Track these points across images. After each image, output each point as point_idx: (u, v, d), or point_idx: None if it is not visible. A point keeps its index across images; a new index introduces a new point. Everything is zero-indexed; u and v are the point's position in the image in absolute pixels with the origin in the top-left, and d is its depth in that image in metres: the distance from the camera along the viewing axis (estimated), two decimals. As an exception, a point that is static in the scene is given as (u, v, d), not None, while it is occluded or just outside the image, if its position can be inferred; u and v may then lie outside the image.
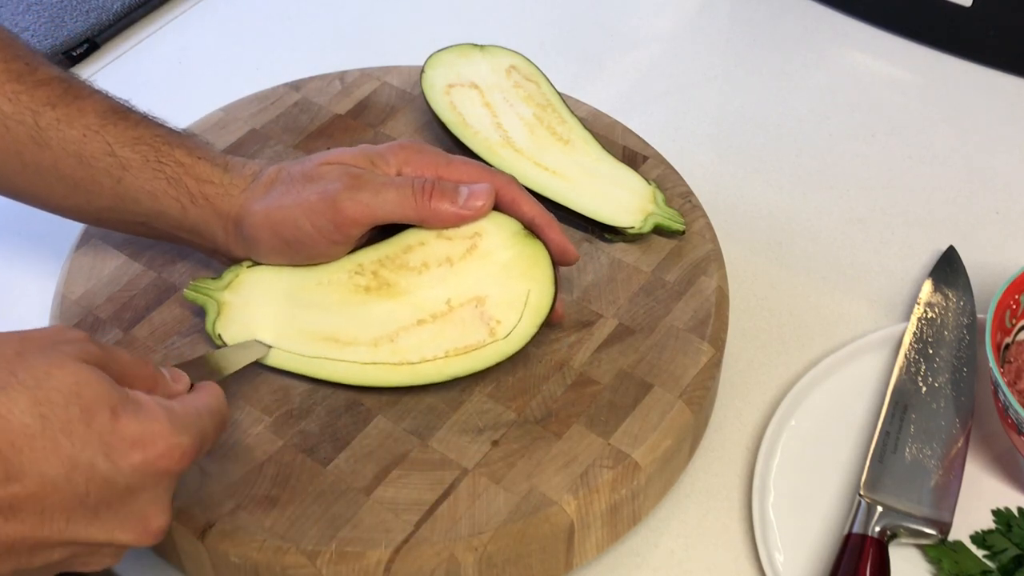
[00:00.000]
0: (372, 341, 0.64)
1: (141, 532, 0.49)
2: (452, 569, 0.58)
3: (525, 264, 0.65)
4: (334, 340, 0.64)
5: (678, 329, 0.67)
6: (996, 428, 0.69)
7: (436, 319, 0.64)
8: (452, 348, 0.64)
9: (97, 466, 0.47)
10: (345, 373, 0.64)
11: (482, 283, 0.65)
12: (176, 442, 0.50)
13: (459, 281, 0.65)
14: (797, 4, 0.99)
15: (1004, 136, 0.89)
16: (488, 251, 0.65)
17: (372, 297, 0.65)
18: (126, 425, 0.49)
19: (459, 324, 0.64)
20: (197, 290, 0.66)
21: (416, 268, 0.65)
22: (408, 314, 0.65)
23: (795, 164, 0.86)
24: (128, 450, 0.48)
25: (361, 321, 0.65)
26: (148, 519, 0.50)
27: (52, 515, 0.46)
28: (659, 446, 0.62)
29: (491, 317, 0.64)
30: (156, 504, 0.50)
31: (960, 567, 0.62)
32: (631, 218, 0.71)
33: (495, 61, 0.79)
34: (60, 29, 0.93)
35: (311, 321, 0.65)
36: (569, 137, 0.75)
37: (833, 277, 0.79)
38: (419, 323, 0.64)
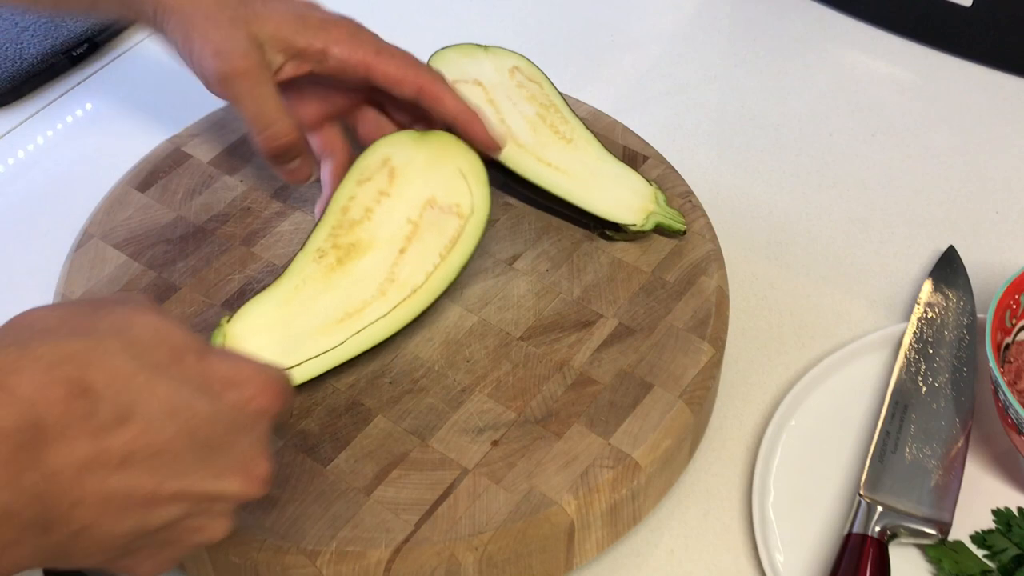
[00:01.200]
0: (378, 291, 0.66)
1: (247, 480, 0.48)
2: (452, 569, 0.58)
3: (439, 151, 0.69)
4: (349, 316, 0.65)
5: (678, 329, 0.67)
6: (996, 428, 0.69)
7: (411, 238, 0.67)
8: (442, 248, 0.67)
9: (197, 405, 0.46)
10: (379, 332, 0.65)
11: (421, 189, 0.68)
12: (267, 380, 0.49)
13: (403, 200, 0.68)
14: (797, 4, 0.99)
15: (1004, 136, 0.89)
16: (405, 164, 0.69)
17: (349, 262, 0.66)
18: (215, 366, 0.48)
19: (431, 228, 0.68)
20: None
21: (362, 218, 0.67)
22: (387, 252, 0.67)
23: (795, 164, 0.87)
24: (222, 389, 0.47)
25: (357, 285, 0.66)
26: (251, 465, 0.48)
27: (163, 462, 0.45)
28: (659, 446, 0.62)
29: (449, 205, 0.68)
30: (256, 449, 0.48)
31: (960, 567, 0.62)
32: (633, 216, 0.72)
33: (498, 61, 0.79)
34: (60, 29, 0.93)
35: (316, 319, 0.65)
36: (572, 136, 0.75)
37: (833, 277, 0.79)
38: (401, 252, 0.67)
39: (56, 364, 0.43)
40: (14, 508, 0.41)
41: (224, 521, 0.49)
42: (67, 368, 0.43)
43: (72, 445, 0.43)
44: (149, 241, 0.71)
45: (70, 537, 0.44)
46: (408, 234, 0.67)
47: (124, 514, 0.45)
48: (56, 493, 0.42)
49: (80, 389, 0.43)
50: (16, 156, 0.87)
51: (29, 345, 0.43)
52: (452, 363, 0.66)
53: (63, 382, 0.43)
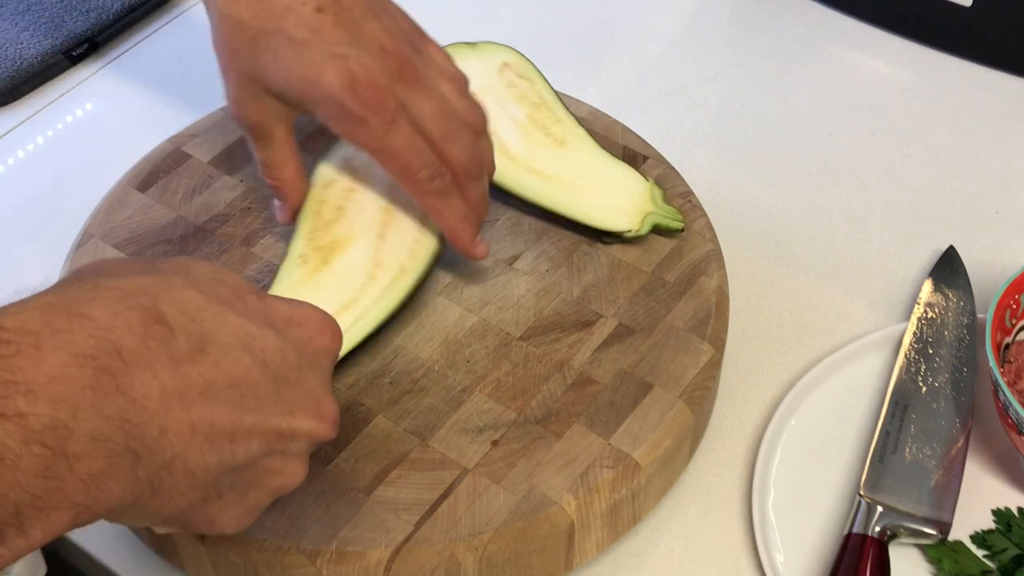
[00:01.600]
0: (368, 278, 0.66)
1: (318, 418, 0.48)
2: (452, 569, 0.58)
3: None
4: (345, 307, 0.65)
5: (678, 329, 0.67)
6: (996, 428, 0.69)
7: (388, 223, 0.68)
8: (419, 223, 0.68)
9: (266, 337, 0.46)
10: (379, 313, 0.65)
11: (387, 176, 0.68)
12: (324, 320, 0.49)
13: (372, 191, 0.69)
14: (797, 4, 0.99)
15: (1004, 136, 0.89)
16: (367, 160, 0.68)
17: (333, 259, 0.67)
18: (275, 305, 0.48)
19: (405, 209, 0.68)
20: None
21: (336, 217, 0.68)
22: (367, 241, 0.67)
23: (795, 164, 0.86)
24: (286, 325, 0.48)
25: (345, 278, 0.66)
26: (320, 404, 0.48)
27: (241, 393, 0.45)
28: (659, 446, 0.62)
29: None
30: (323, 387, 0.49)
31: (960, 567, 0.62)
32: (628, 220, 0.71)
33: (487, 59, 0.78)
34: (60, 29, 0.93)
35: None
36: (564, 137, 0.75)
37: (833, 277, 0.79)
38: (381, 238, 0.67)
39: (129, 294, 0.43)
40: (101, 433, 0.41)
41: (299, 464, 0.49)
42: (140, 298, 0.44)
43: (154, 371, 0.43)
44: (149, 241, 0.71)
45: (162, 468, 0.43)
46: (384, 219, 0.68)
47: (210, 445, 0.45)
48: (143, 420, 0.42)
49: (155, 317, 0.43)
50: (16, 156, 0.87)
51: (100, 282, 0.44)
52: (452, 363, 0.66)
53: (138, 309, 0.43)
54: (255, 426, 0.46)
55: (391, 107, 0.61)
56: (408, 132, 0.62)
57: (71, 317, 0.42)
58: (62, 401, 0.40)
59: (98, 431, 0.41)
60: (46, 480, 0.39)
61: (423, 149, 0.63)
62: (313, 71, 0.61)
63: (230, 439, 0.45)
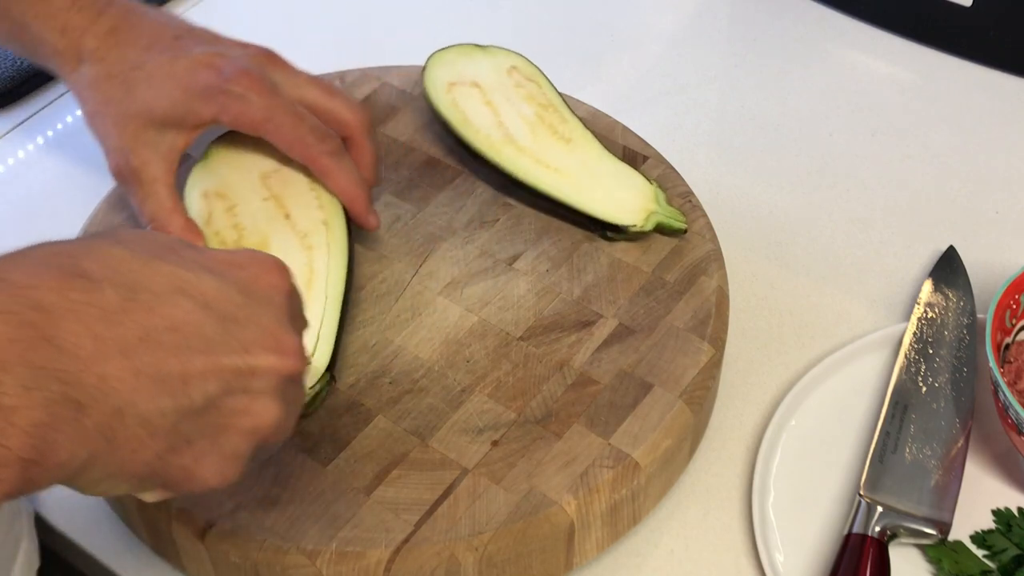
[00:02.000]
0: (304, 248, 0.68)
1: (277, 350, 0.47)
2: (452, 569, 0.58)
3: (229, 156, 0.72)
4: (308, 284, 0.66)
5: (678, 329, 0.67)
6: (996, 428, 0.69)
7: (283, 207, 0.69)
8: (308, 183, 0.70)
9: (204, 280, 0.46)
10: (339, 271, 0.67)
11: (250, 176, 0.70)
12: (269, 260, 0.49)
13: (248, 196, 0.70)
14: (797, 4, 0.99)
15: (1004, 136, 0.89)
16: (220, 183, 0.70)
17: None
18: (212, 253, 0.48)
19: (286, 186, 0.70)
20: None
21: (238, 233, 0.68)
22: (281, 226, 0.69)
23: (795, 164, 0.86)
24: (226, 268, 0.48)
25: (290, 261, 0.66)
26: (278, 337, 0.48)
27: (184, 337, 0.44)
28: (659, 446, 0.62)
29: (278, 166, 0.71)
30: (280, 323, 0.48)
31: (960, 567, 0.62)
32: (633, 217, 0.72)
33: (496, 61, 0.79)
34: (60, 29, 0.93)
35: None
36: (571, 136, 0.75)
37: (833, 277, 0.79)
38: (287, 218, 0.69)
39: (49, 256, 0.43)
40: (35, 382, 0.40)
41: (269, 401, 0.47)
42: (59, 258, 0.43)
43: (82, 321, 0.42)
44: (149, 241, 0.71)
45: (111, 416, 0.43)
46: (276, 207, 0.69)
47: (160, 389, 0.44)
48: (78, 368, 0.42)
49: (74, 273, 0.43)
50: (16, 156, 0.87)
51: (18, 252, 0.44)
52: (452, 363, 0.66)
53: (53, 268, 0.43)
54: (207, 366, 0.45)
55: (267, 83, 0.67)
56: (288, 102, 0.68)
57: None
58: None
59: (31, 380, 0.40)
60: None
61: (306, 114, 0.68)
62: (188, 75, 0.67)
63: (182, 381, 0.44)
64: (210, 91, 0.66)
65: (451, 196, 0.75)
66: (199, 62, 0.67)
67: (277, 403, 0.48)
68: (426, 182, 0.76)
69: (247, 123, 0.67)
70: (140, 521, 0.62)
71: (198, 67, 0.67)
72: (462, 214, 0.74)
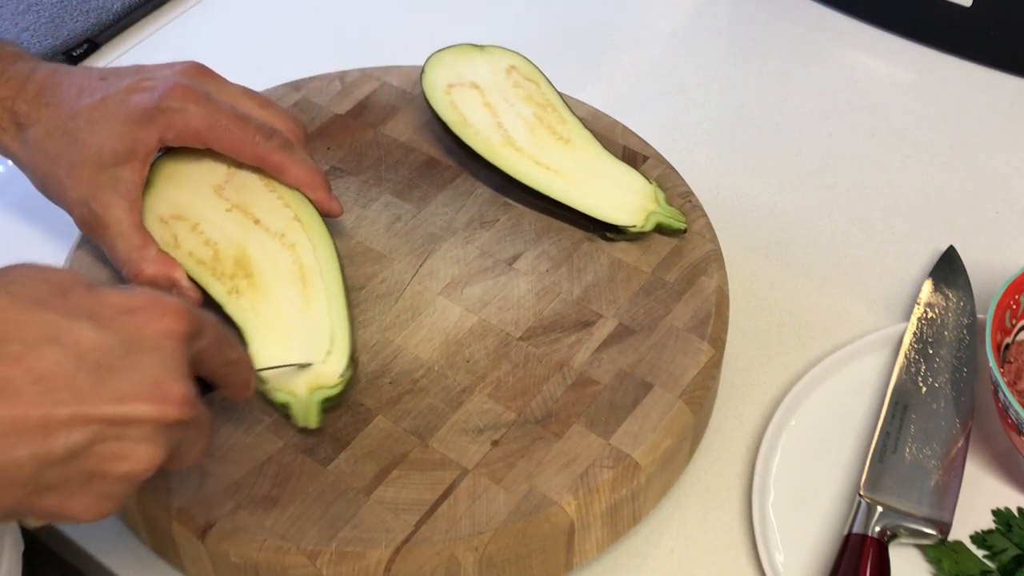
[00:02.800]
0: (288, 247, 0.68)
1: (158, 399, 0.47)
2: (452, 569, 0.58)
3: (175, 174, 0.70)
4: (302, 278, 0.67)
5: (678, 329, 0.67)
6: (996, 428, 0.69)
7: (248, 213, 0.69)
8: (265, 186, 0.70)
9: (81, 329, 0.46)
10: (328, 261, 0.67)
11: (202, 191, 0.70)
12: (167, 304, 0.48)
13: (208, 213, 0.69)
14: (797, 4, 0.99)
15: (1004, 136, 0.89)
16: (177, 203, 0.69)
17: (252, 269, 0.67)
18: (105, 296, 0.48)
19: (249, 196, 0.70)
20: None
21: (211, 249, 0.68)
22: (252, 232, 0.68)
23: (795, 164, 0.86)
24: (116, 314, 0.47)
25: (274, 264, 0.67)
26: (161, 385, 0.47)
27: (49, 387, 0.44)
28: (659, 446, 0.62)
29: (232, 169, 0.70)
30: (166, 370, 0.47)
31: (960, 567, 0.62)
32: (633, 217, 0.72)
33: (495, 61, 0.79)
34: (60, 29, 0.93)
35: (298, 309, 0.66)
36: (570, 137, 0.75)
37: (833, 277, 0.79)
38: (257, 223, 0.69)
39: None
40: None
41: (147, 448, 0.47)
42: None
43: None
44: (149, 241, 0.71)
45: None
46: (242, 215, 0.69)
47: (17, 441, 0.44)
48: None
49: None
50: (16, 156, 0.87)
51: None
52: (452, 363, 0.66)
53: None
54: (73, 417, 0.45)
55: (201, 92, 0.67)
56: (227, 106, 0.68)
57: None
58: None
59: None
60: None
61: (247, 116, 0.68)
62: (122, 106, 0.66)
63: (43, 433, 0.44)
64: (148, 113, 0.66)
65: (451, 196, 0.75)
66: (129, 90, 0.67)
67: (157, 449, 0.47)
68: (426, 182, 0.76)
69: (192, 135, 0.67)
70: (140, 521, 0.62)
71: (130, 95, 0.66)
72: (462, 214, 0.74)
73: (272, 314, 0.65)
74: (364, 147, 0.78)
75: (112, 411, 0.46)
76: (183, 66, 0.69)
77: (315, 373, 0.63)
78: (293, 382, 0.63)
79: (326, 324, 0.65)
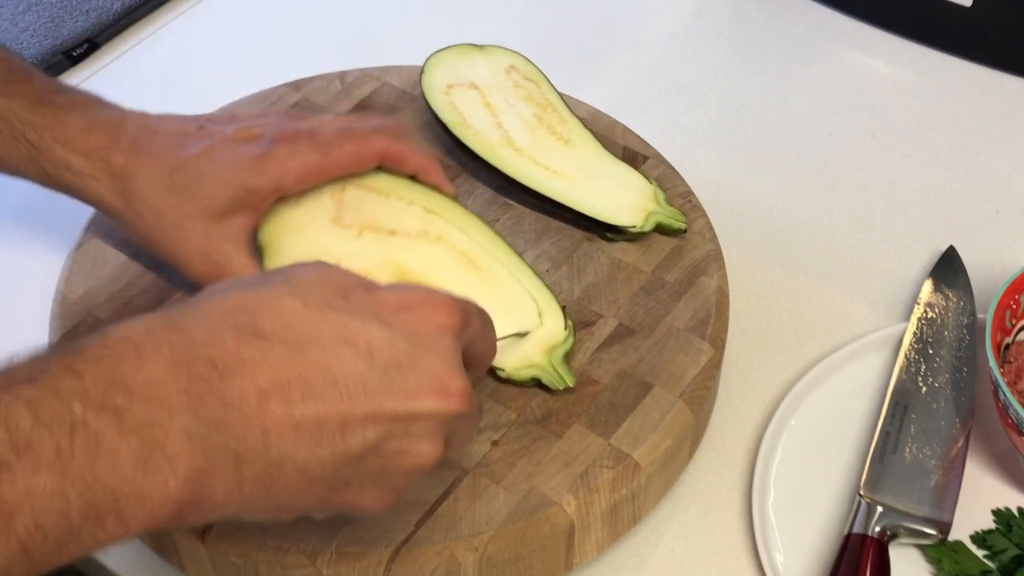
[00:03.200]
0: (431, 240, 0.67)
1: (441, 393, 0.48)
2: (452, 569, 0.58)
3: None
4: (464, 255, 0.67)
5: (678, 329, 0.67)
6: (996, 428, 0.69)
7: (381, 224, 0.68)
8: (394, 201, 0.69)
9: (371, 329, 0.47)
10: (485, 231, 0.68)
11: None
12: (439, 299, 0.50)
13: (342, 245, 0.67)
14: (797, 4, 0.99)
15: (1004, 136, 0.89)
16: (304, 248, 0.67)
17: (414, 273, 0.66)
18: (383, 295, 0.49)
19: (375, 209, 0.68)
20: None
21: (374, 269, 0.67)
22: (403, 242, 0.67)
23: (795, 164, 0.86)
24: (395, 312, 0.49)
25: (435, 267, 0.67)
26: (443, 380, 0.49)
27: (347, 386, 0.46)
28: (659, 446, 0.62)
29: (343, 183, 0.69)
30: (445, 364, 0.49)
31: (960, 567, 0.62)
32: (632, 217, 0.72)
33: (494, 61, 0.79)
34: (60, 29, 0.93)
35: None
36: (569, 137, 0.75)
37: (833, 277, 0.79)
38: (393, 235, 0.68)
39: (227, 312, 0.46)
40: (198, 433, 0.43)
41: (431, 443, 0.49)
42: (237, 316, 0.46)
43: (250, 377, 0.45)
44: (149, 241, 0.71)
45: (270, 467, 0.45)
46: (373, 233, 0.67)
47: (319, 440, 0.46)
48: (240, 422, 0.44)
49: (249, 332, 0.45)
50: (16, 156, 0.87)
51: (202, 303, 0.47)
52: (452, 363, 0.66)
53: (232, 327, 0.45)
54: (367, 414, 0.47)
55: (303, 130, 0.67)
56: (330, 130, 0.67)
57: (171, 330, 0.45)
58: (158, 401, 0.43)
59: (194, 431, 0.43)
60: (145, 473, 0.42)
61: (349, 128, 0.68)
62: (232, 156, 0.65)
63: (341, 432, 0.46)
64: (260, 162, 0.65)
65: (451, 196, 0.75)
66: (236, 139, 0.66)
67: (438, 442, 0.49)
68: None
69: (310, 173, 0.66)
70: (140, 521, 0.61)
71: (238, 145, 0.65)
72: (462, 214, 0.74)
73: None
74: (364, 147, 0.78)
75: (401, 407, 0.48)
76: (279, 111, 0.70)
77: (541, 337, 0.64)
78: (530, 356, 0.64)
79: (520, 291, 0.66)
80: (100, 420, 0.41)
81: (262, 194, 0.65)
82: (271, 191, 0.65)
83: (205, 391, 0.44)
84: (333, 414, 0.46)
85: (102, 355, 0.43)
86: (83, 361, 0.43)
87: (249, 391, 0.45)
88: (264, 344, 0.45)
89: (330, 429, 0.46)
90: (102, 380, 0.42)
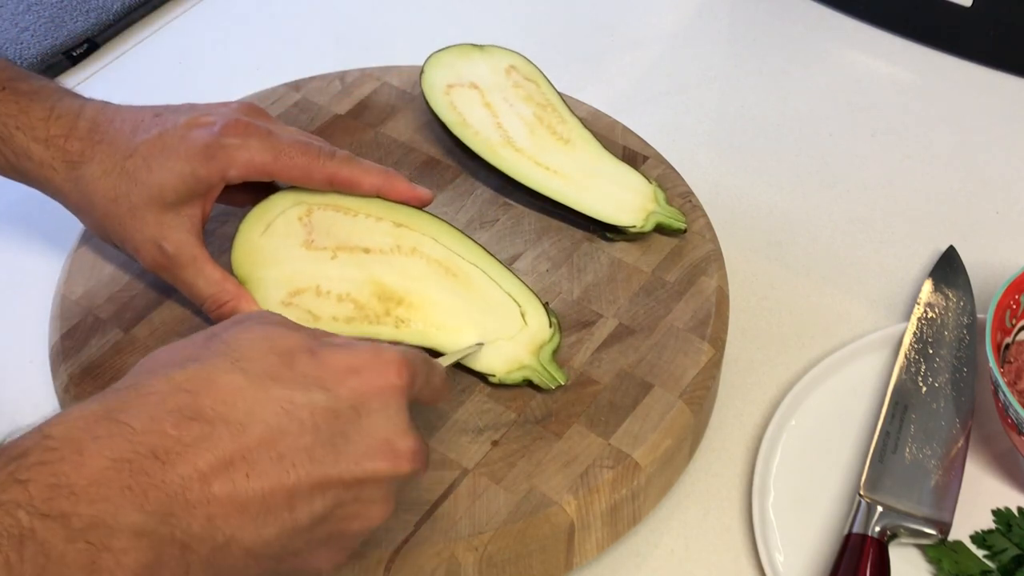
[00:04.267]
0: (405, 254, 0.67)
1: (390, 456, 0.49)
2: (452, 569, 0.58)
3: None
4: (450, 273, 0.67)
5: (678, 329, 0.67)
6: (996, 428, 0.69)
7: (356, 247, 0.67)
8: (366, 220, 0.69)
9: (315, 400, 0.47)
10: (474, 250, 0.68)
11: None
12: (387, 359, 0.50)
13: (319, 270, 0.67)
14: (797, 4, 0.99)
15: (1004, 136, 0.89)
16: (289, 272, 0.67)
17: (393, 309, 0.66)
18: (329, 358, 0.49)
19: (350, 234, 0.68)
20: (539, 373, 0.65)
21: (350, 305, 0.66)
22: (378, 267, 0.67)
23: (795, 164, 0.86)
24: (341, 378, 0.48)
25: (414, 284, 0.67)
26: (392, 443, 0.49)
27: (292, 458, 0.46)
28: (659, 446, 0.62)
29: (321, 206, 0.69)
30: (393, 426, 0.49)
31: (960, 567, 0.62)
32: (632, 217, 0.72)
33: (494, 61, 0.79)
34: (60, 29, 0.93)
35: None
36: (569, 137, 0.75)
37: (833, 277, 0.79)
38: (377, 255, 0.68)
39: (168, 395, 0.46)
40: (145, 528, 0.43)
41: (381, 504, 0.49)
42: (178, 398, 0.45)
43: (191, 462, 0.44)
44: (149, 241, 0.71)
45: (216, 551, 0.45)
46: (348, 253, 0.67)
47: (266, 518, 0.46)
48: (185, 508, 0.44)
49: (190, 416, 0.45)
50: (16, 156, 0.87)
51: (141, 384, 0.46)
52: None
53: (172, 413, 0.45)
54: (316, 484, 0.47)
55: (260, 126, 0.66)
56: (287, 136, 0.67)
57: (111, 423, 0.44)
58: (103, 501, 0.42)
59: (141, 526, 0.43)
60: (93, 574, 0.42)
61: (307, 142, 0.67)
62: (182, 143, 0.65)
63: (288, 506, 0.46)
64: (209, 150, 0.64)
65: (451, 196, 0.75)
66: (188, 126, 0.65)
67: (389, 503, 0.50)
68: (426, 182, 0.76)
69: (257, 168, 0.65)
70: (140, 521, 0.61)
71: (189, 131, 0.65)
72: (462, 214, 0.74)
73: (447, 318, 0.65)
74: (364, 147, 0.78)
75: (350, 474, 0.48)
76: (239, 104, 0.69)
77: (527, 338, 0.64)
78: (518, 358, 0.64)
79: (499, 294, 0.66)
80: (46, 528, 0.41)
81: (210, 182, 0.65)
82: (218, 179, 0.65)
83: (148, 484, 0.43)
84: (279, 490, 0.46)
85: (44, 459, 0.43)
86: (26, 468, 0.42)
87: (192, 476, 0.44)
88: (206, 427, 0.45)
89: (277, 505, 0.46)
90: (45, 486, 0.42)
